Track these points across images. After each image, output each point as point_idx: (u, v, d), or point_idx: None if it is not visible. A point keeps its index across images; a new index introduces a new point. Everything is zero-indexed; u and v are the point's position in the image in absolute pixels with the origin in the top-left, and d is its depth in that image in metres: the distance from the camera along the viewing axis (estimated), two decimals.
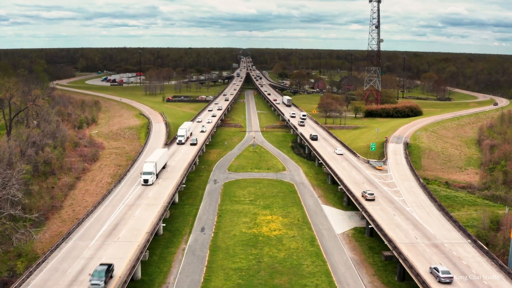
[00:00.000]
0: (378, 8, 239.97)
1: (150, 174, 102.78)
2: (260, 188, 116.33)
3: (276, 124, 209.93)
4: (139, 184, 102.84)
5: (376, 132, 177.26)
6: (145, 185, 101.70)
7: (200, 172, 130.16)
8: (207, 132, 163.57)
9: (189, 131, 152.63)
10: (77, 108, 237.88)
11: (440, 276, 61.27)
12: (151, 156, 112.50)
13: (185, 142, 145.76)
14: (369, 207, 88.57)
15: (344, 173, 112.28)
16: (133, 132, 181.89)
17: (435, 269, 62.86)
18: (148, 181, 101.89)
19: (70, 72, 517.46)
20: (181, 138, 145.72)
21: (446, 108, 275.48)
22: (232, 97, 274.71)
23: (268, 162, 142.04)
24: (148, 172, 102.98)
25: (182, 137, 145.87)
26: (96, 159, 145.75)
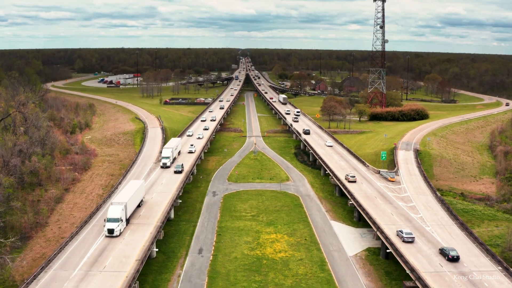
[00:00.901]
0: (383, 8, 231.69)
1: (116, 222, 76.01)
2: (263, 201, 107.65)
3: (277, 128, 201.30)
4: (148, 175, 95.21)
5: (383, 138, 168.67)
6: (110, 236, 75.24)
7: (198, 183, 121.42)
8: (205, 138, 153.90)
9: (176, 150, 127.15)
10: (70, 112, 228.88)
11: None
12: (120, 195, 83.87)
13: (171, 165, 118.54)
14: (385, 227, 79.89)
15: (354, 186, 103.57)
16: (128, 138, 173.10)
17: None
18: (113, 231, 75.32)
19: (66, 73, 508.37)
20: (165, 161, 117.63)
21: (452, 110, 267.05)
22: (229, 103, 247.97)
23: (270, 171, 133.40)
24: (114, 218, 76.16)
25: (167, 159, 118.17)
26: (88, 167, 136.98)
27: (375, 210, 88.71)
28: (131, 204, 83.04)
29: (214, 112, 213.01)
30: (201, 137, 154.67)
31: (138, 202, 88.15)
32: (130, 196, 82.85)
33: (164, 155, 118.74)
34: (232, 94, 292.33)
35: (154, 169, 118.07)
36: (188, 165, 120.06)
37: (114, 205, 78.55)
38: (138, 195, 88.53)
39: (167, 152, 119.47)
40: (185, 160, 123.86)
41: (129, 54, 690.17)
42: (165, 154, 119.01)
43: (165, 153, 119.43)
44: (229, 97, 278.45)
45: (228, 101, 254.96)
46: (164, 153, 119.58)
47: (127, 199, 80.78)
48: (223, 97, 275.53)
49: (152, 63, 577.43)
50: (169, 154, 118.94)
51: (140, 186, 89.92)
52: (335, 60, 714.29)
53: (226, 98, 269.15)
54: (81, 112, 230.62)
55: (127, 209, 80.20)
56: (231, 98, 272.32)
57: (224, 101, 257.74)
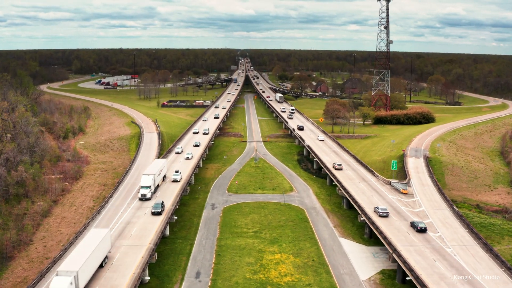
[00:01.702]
0: (387, 8, 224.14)
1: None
2: (265, 215, 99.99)
3: (279, 133, 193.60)
4: (121, 216, 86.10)
5: (390, 144, 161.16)
6: None
7: (196, 194, 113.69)
8: (204, 145, 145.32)
9: (159, 176, 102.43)
10: (64, 115, 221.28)
11: None
12: (71, 256, 60.81)
13: (152, 196, 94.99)
14: (402, 249, 72.28)
15: (364, 199, 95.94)
16: (123, 144, 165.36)
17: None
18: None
19: (63, 74, 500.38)
20: (145, 192, 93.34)
21: (458, 113, 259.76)
22: (225, 111, 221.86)
23: (273, 180, 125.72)
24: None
25: (147, 189, 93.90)
26: (79, 176, 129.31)
27: (390, 228, 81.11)
28: (83, 275, 58.77)
29: (208, 123, 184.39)
30: (207, 133, 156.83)
31: (100, 261, 65.05)
32: (85, 260, 59.15)
33: (144, 184, 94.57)
34: (229, 100, 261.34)
35: None
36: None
37: (58, 277, 56.09)
38: (97, 255, 63.64)
39: (147, 180, 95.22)
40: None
41: (128, 55, 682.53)
42: (145, 182, 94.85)
43: (144, 181, 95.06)
44: (226, 103, 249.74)
45: (225, 108, 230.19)
46: (143, 181, 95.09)
47: (78, 267, 57.25)
48: (219, 103, 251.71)
49: (151, 64, 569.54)
50: (150, 182, 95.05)
51: (103, 240, 65.71)
52: (335, 60, 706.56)
53: (222, 105, 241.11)
54: (75, 116, 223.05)
55: (79, 280, 57.09)
56: (228, 104, 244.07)
57: (220, 108, 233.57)
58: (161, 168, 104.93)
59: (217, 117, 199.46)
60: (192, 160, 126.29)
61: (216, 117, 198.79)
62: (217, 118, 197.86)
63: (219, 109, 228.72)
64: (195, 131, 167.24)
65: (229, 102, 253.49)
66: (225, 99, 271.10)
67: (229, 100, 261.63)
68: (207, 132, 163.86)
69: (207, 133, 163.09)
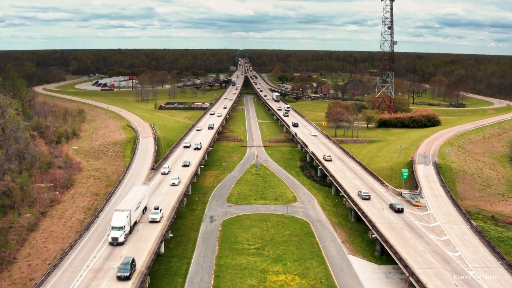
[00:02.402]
0: (391, 7, 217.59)
1: None
2: (268, 228, 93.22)
3: (280, 137, 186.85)
4: None
5: (396, 149, 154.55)
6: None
7: (193, 205, 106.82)
8: (201, 152, 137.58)
9: (137, 209, 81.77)
10: (58, 119, 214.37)
11: None
12: None
13: (125, 239, 74.84)
14: (421, 272, 65.54)
15: (374, 212, 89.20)
16: (118, 149, 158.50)
17: None
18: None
19: (60, 75, 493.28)
20: (116, 235, 73.43)
21: (462, 116, 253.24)
22: (221, 119, 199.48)
23: (275, 189, 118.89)
24: None
25: (120, 231, 73.80)
26: (70, 185, 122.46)
27: (404, 246, 74.42)
28: None
29: (200, 136, 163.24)
30: (176, 183, 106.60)
31: None
32: None
33: (116, 224, 74.51)
34: (225, 107, 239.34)
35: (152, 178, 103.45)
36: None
37: None
38: None
39: (120, 218, 74.95)
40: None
41: (126, 55, 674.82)
42: (117, 221, 74.74)
43: (117, 220, 74.89)
44: (222, 110, 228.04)
45: (220, 116, 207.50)
46: (115, 220, 74.90)
47: None
48: (215, 109, 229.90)
49: (149, 65, 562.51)
50: (123, 221, 74.78)
51: None
52: (335, 61, 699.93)
53: (218, 112, 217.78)
54: (69, 119, 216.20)
55: None
56: (224, 111, 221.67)
57: (215, 115, 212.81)
58: (140, 199, 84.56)
59: (211, 127, 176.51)
60: (179, 186, 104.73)
61: (211, 128, 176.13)
62: (211, 128, 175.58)
63: (214, 116, 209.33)
64: (186, 144, 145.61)
65: (225, 109, 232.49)
66: (221, 105, 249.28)
67: (226, 107, 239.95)
68: (198, 147, 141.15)
69: (199, 148, 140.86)
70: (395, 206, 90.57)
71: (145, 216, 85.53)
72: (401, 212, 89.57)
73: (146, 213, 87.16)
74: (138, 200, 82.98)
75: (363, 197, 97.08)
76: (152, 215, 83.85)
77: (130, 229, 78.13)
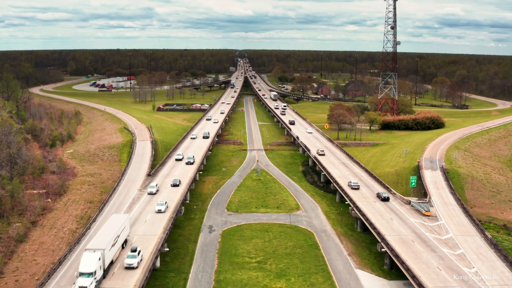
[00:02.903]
0: (395, 7, 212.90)
1: None
2: (270, 239, 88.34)
3: (281, 140, 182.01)
4: None
5: (401, 153, 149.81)
6: None
7: (191, 214, 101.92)
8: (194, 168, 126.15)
9: (114, 246, 67.91)
10: (54, 121, 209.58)
11: None
12: None
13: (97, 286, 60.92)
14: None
15: (383, 223, 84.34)
16: (114, 153, 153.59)
17: None
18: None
19: (58, 76, 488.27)
20: (85, 283, 58.74)
21: (467, 117, 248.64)
22: (217, 128, 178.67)
23: (276, 196, 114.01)
24: None
25: (90, 278, 59.60)
26: (63, 192, 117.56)
27: (416, 261, 69.57)
28: None
29: (194, 146, 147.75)
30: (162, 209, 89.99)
31: None
32: None
33: (84, 269, 60.02)
34: (222, 112, 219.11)
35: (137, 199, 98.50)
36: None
37: None
38: None
39: (90, 261, 60.73)
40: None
41: (124, 56, 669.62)
42: (86, 266, 60.30)
43: (85, 263, 60.62)
44: (219, 115, 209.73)
45: (216, 123, 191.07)
46: (84, 263, 60.65)
47: None
48: (212, 115, 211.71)
49: (148, 65, 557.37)
50: (94, 266, 60.37)
51: None
52: (335, 61, 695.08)
53: (214, 118, 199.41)
54: (65, 121, 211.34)
55: None
56: (221, 117, 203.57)
57: (211, 121, 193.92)
58: (119, 231, 70.36)
59: (207, 136, 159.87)
60: (166, 213, 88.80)
61: (206, 137, 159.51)
62: (206, 137, 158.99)
63: (211, 122, 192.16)
64: (178, 156, 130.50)
65: (222, 114, 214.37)
66: (218, 110, 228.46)
67: (223, 112, 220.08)
68: (191, 161, 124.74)
69: (192, 162, 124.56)
70: (381, 195, 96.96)
71: (125, 251, 71.00)
72: (387, 201, 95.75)
73: (126, 248, 72.55)
74: (116, 234, 68.59)
75: None
76: (128, 259, 67.09)
77: (104, 272, 63.30)
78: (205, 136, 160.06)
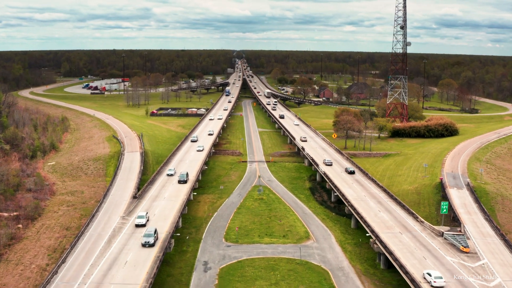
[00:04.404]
0: (404, 5, 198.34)
1: None
2: (277, 281, 73.39)
3: (284, 150, 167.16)
4: None
5: (418, 165, 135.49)
6: None
7: (183, 246, 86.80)
8: (193, 178, 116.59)
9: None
10: (38, 128, 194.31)
11: None
12: None
13: None
14: None
15: (414, 264, 69.46)
16: (99, 166, 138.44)
17: None
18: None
19: (50, 77, 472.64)
20: None
21: (479, 123, 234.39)
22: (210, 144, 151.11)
23: (282, 220, 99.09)
24: None
25: None
26: (38, 215, 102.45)
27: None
28: None
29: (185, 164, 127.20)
30: (151, 242, 74.56)
31: None
32: None
33: None
34: (211, 133, 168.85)
35: (119, 230, 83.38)
36: None
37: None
38: None
39: None
40: None
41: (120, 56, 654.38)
42: None
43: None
44: (206, 139, 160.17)
45: (212, 134, 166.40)
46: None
47: None
48: (198, 134, 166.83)
49: (143, 67, 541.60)
50: None
51: None
52: (334, 62, 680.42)
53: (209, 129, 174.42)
54: (50, 128, 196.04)
55: None
56: (209, 141, 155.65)
57: (199, 141, 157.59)
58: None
59: (201, 149, 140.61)
60: (154, 248, 73.83)
61: (200, 150, 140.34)
62: (200, 150, 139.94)
63: (199, 142, 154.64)
64: (170, 172, 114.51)
65: (211, 137, 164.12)
66: (206, 128, 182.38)
67: (212, 133, 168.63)
68: (184, 179, 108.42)
69: (185, 180, 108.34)
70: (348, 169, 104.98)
71: None
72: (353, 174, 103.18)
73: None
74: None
75: None
76: None
77: None
78: (199, 150, 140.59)
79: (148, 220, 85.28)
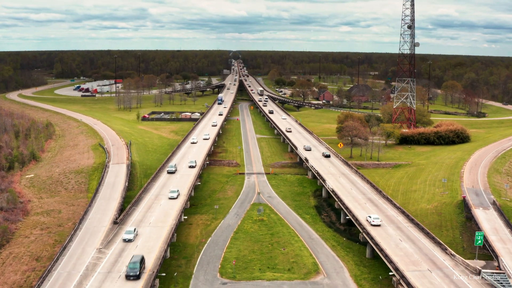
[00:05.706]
0: (412, 3, 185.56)
1: None
2: None
3: (285, 159, 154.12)
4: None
5: (432, 177, 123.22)
6: None
7: (171, 284, 73.32)
8: (184, 198, 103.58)
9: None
10: (20, 135, 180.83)
11: None
12: None
13: None
14: None
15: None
16: (81, 180, 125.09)
17: None
18: None
19: (41, 79, 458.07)
20: None
21: (489, 128, 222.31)
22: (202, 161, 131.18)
23: (286, 248, 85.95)
24: None
25: None
26: (6, 241, 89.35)
27: None
28: None
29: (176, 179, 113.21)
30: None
31: None
32: None
33: None
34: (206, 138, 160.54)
35: (93, 268, 70.04)
36: None
37: None
38: None
39: None
40: None
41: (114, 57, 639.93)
42: None
43: None
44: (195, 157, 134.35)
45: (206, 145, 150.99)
46: None
47: None
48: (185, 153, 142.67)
49: (137, 68, 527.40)
50: None
51: None
52: (331, 63, 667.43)
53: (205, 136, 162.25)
54: (33, 135, 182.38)
55: None
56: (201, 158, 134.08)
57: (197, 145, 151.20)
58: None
59: (193, 165, 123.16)
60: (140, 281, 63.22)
61: (192, 166, 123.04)
62: (193, 167, 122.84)
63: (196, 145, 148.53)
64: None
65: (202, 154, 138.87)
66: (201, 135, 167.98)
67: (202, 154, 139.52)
68: (175, 196, 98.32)
69: (176, 197, 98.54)
70: None
71: None
72: None
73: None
74: None
75: None
76: None
77: None
78: (192, 165, 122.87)
79: (136, 235, 76.27)
